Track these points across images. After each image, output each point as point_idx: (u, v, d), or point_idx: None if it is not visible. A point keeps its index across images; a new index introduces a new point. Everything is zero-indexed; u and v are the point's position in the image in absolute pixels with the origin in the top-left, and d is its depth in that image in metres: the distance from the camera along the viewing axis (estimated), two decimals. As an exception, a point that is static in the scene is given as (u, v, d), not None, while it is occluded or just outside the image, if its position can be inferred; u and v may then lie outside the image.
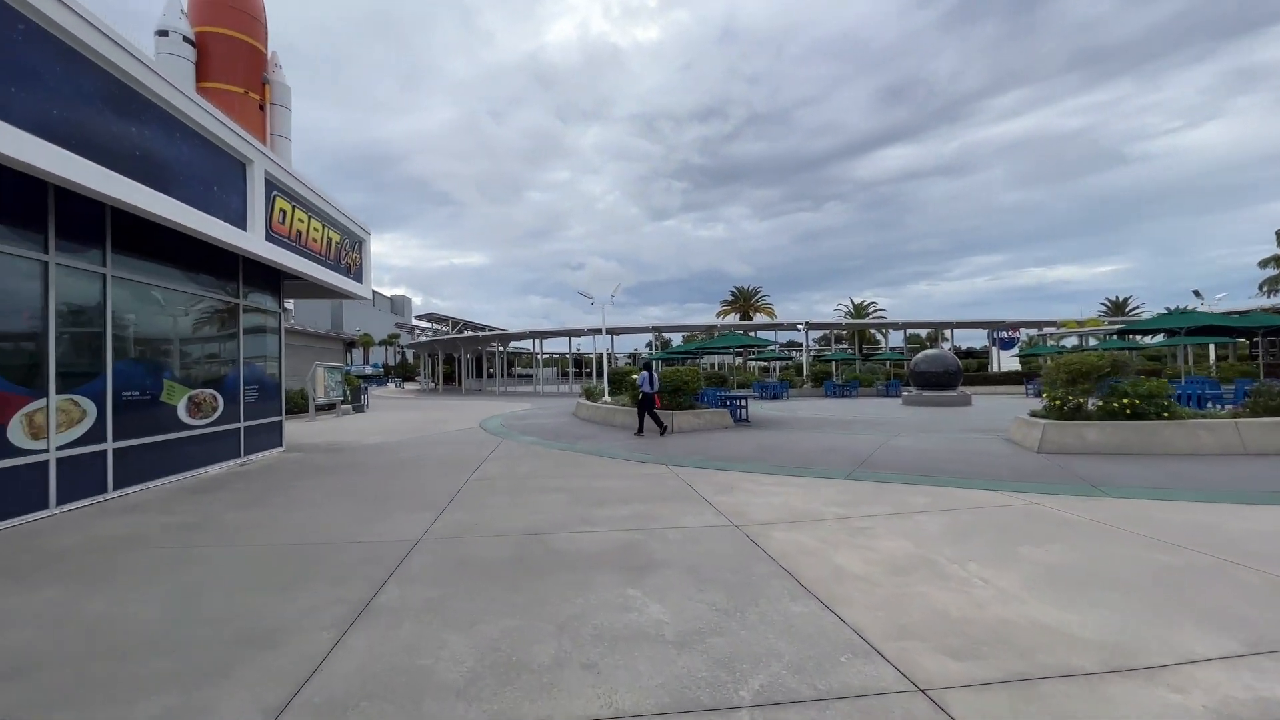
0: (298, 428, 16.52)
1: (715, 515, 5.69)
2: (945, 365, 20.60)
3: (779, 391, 26.94)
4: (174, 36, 33.18)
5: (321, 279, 10.18)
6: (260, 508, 6.23)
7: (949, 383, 20.49)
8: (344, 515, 5.87)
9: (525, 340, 46.25)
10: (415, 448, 11.32)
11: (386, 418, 20.21)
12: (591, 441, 11.82)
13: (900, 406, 20.79)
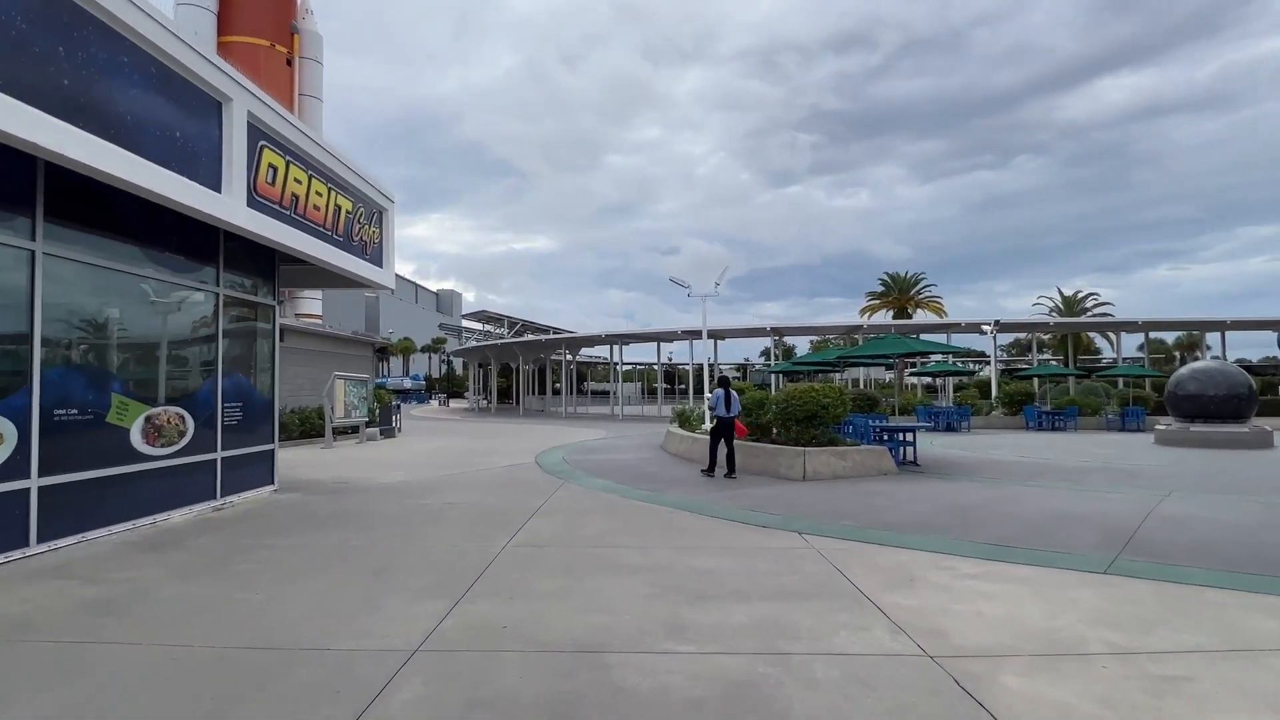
0: (308, 457, 16.76)
1: (891, 632, 4.48)
2: (1231, 386, 17.80)
3: (956, 420, 24.71)
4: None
5: (326, 260, 9.92)
6: (214, 578, 5.72)
7: (1237, 411, 17.67)
8: (322, 596, 5.21)
9: (601, 347, 46.24)
10: (446, 491, 10.81)
11: (419, 446, 20.27)
12: (686, 490, 10.81)
13: (1153, 447, 18.18)
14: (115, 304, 7.57)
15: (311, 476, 12.69)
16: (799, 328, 36.77)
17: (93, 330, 7.29)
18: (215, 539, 7.23)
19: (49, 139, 5.32)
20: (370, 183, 11.52)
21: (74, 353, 6.97)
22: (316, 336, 25.74)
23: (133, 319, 7.85)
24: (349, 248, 10.82)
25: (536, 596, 5.25)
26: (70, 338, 6.96)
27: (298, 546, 6.90)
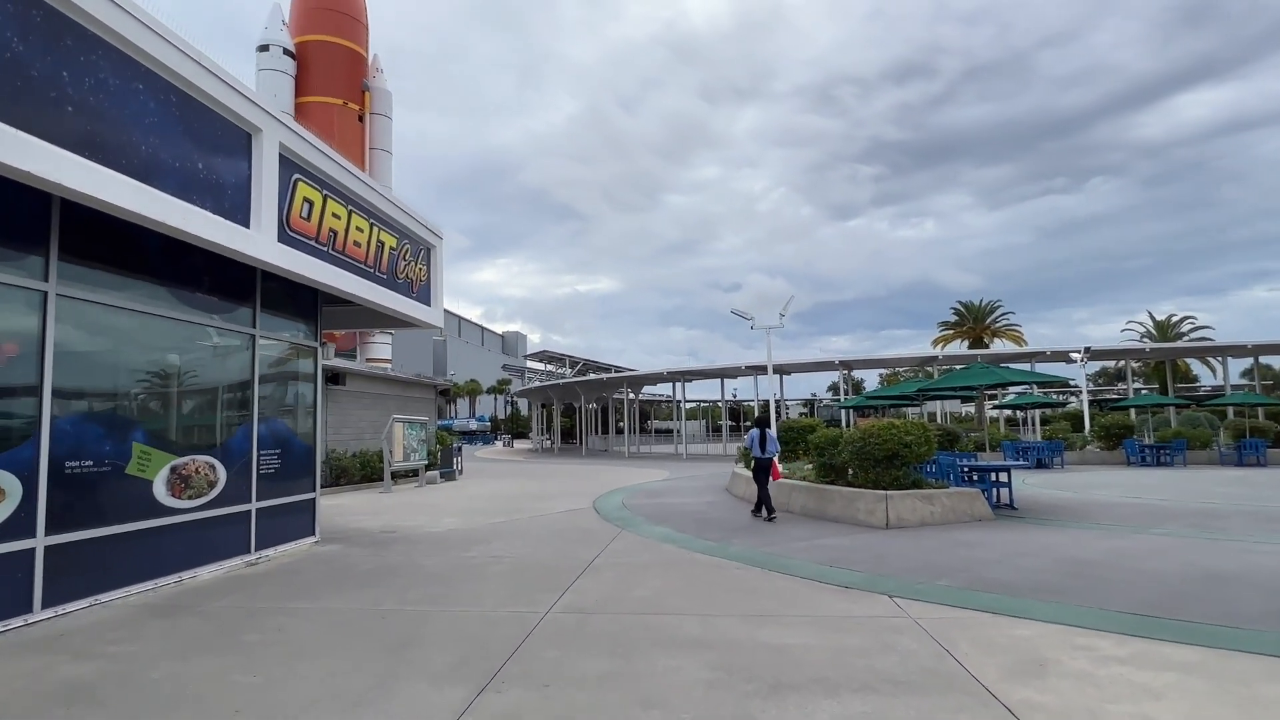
0: (364, 503, 16.33)
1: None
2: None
3: (1048, 456, 22.74)
4: (274, 50, 37.79)
5: (368, 299, 9.43)
6: (217, 653, 5.03)
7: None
8: (329, 679, 4.43)
9: (664, 384, 45.43)
10: (495, 541, 10.04)
11: (477, 490, 19.70)
12: (753, 539, 9.74)
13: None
14: (137, 348, 7.14)
15: (360, 525, 12.14)
16: (869, 360, 35.14)
17: (112, 376, 6.85)
18: (235, 600, 6.59)
19: (44, 168, 4.87)
20: (416, 218, 11.10)
21: (90, 401, 6.52)
22: (379, 380, 25.73)
23: (157, 363, 7.41)
24: (394, 285, 10.35)
25: (575, 683, 4.34)
26: (85, 385, 6.52)
27: (320, 612, 6.18)
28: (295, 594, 6.89)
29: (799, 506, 12.21)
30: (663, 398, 65.25)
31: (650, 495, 16.63)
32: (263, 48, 40.25)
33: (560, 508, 14.34)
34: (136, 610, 6.27)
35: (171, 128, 6.19)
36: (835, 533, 10.11)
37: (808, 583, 7.08)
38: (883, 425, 11.36)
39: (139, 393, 7.11)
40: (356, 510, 14.69)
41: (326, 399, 22.22)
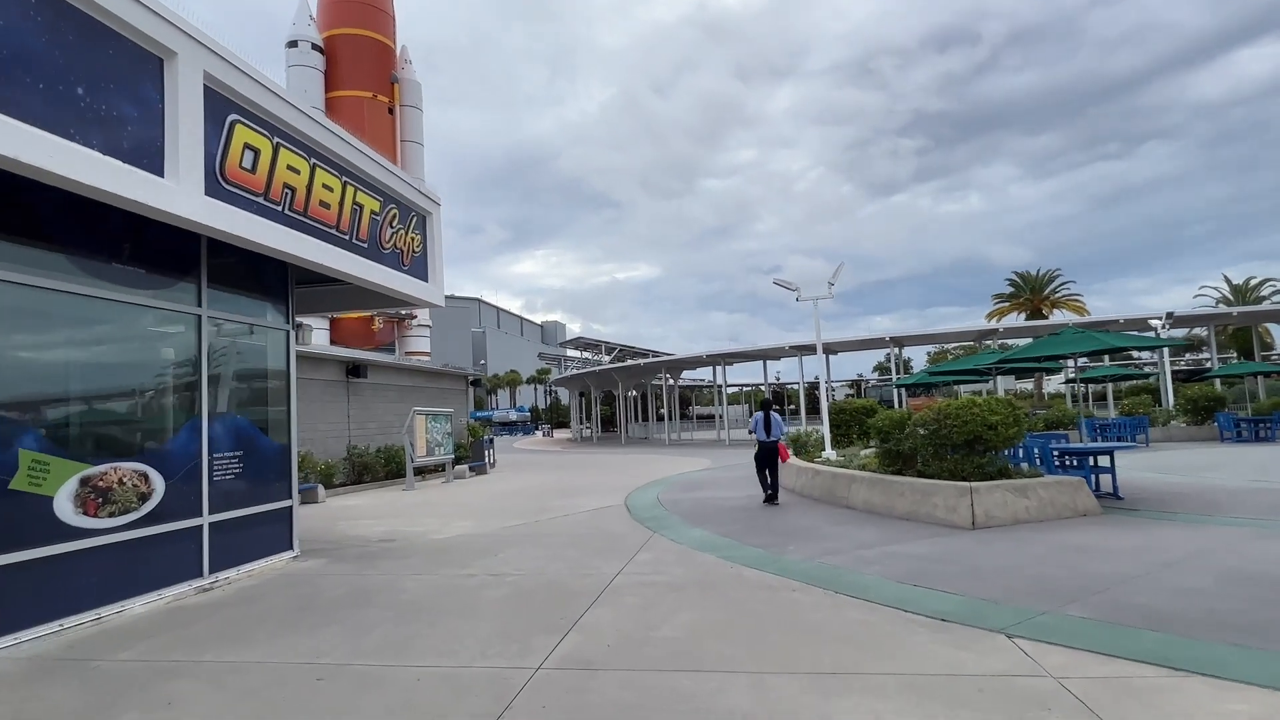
0: (381, 502, 15.00)
1: None
2: None
3: (1131, 432, 20.36)
4: (303, 46, 36.85)
5: (340, 270, 7.90)
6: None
7: None
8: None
9: (704, 369, 43.63)
10: (505, 551, 8.49)
11: (505, 485, 18.28)
12: (812, 546, 7.99)
13: None
14: (27, 331, 5.71)
15: (361, 531, 10.72)
16: (922, 336, 32.76)
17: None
18: (150, 648, 5.13)
19: None
20: (406, 179, 9.55)
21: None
22: (404, 371, 24.50)
23: (58, 351, 5.98)
24: (378, 256, 8.81)
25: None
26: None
27: (239, 670, 4.66)
28: (231, 636, 5.40)
29: (860, 501, 10.39)
30: (703, 382, 63.34)
31: (689, 488, 14.94)
32: (291, 44, 39.49)
33: (589, 505, 12.77)
34: (12, 666, 4.84)
35: (36, 39, 4.68)
36: (909, 535, 8.30)
37: (890, 613, 5.33)
38: (960, 404, 9.46)
39: (31, 388, 5.66)
40: (367, 512, 13.34)
41: (348, 393, 21.09)
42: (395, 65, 41.17)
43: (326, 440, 19.55)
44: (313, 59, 38.41)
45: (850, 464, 12.53)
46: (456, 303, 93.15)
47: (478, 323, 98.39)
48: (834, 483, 11.34)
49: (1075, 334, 10.94)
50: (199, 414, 7.06)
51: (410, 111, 42.37)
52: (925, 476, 9.76)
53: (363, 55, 40.01)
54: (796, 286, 15.08)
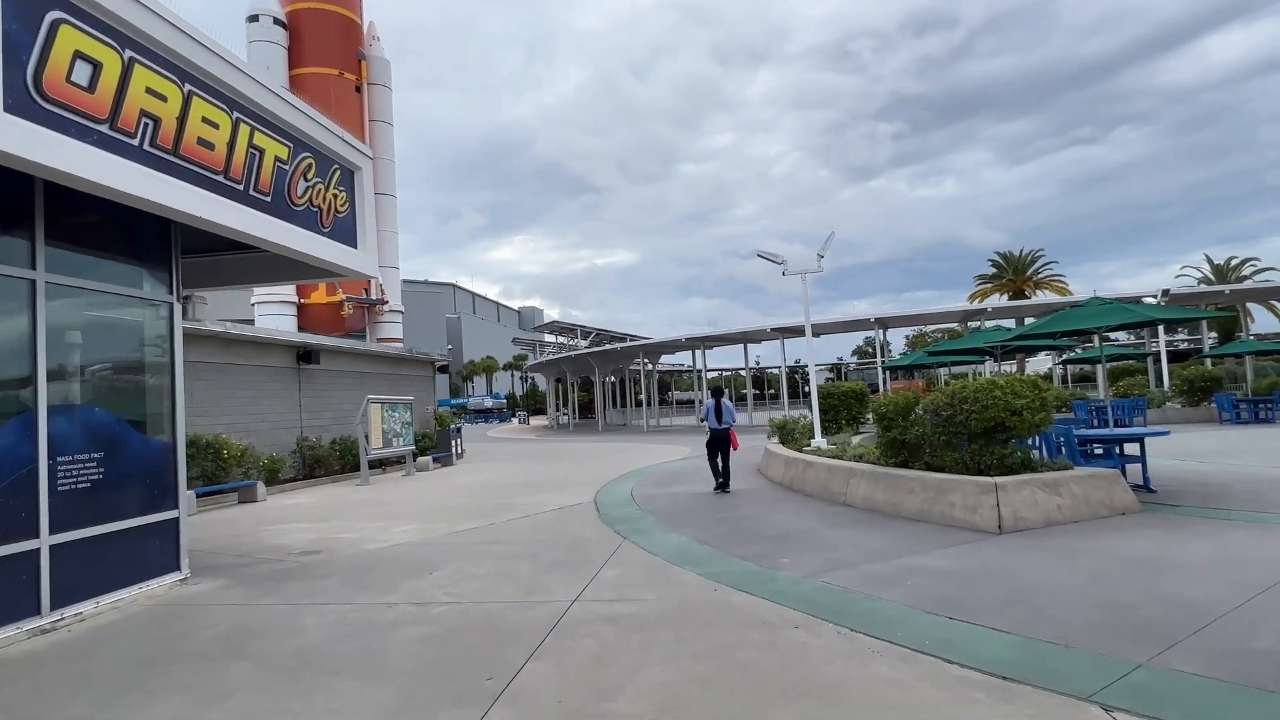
0: (325, 500, 13.44)
1: None
2: None
3: (1129, 414, 19.29)
4: (265, 20, 34.62)
5: (225, 224, 6.32)
6: None
7: None
8: None
9: (683, 353, 42.28)
10: (442, 565, 7.02)
11: (468, 478, 16.78)
12: (812, 555, 6.60)
13: None
14: None
15: (285, 539, 9.19)
16: (907, 317, 31.58)
17: None
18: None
19: None
20: (327, 125, 7.95)
21: None
22: (364, 356, 22.81)
23: None
24: (286, 214, 7.23)
25: None
26: None
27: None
28: (26, 712, 3.89)
29: (860, 498, 9.03)
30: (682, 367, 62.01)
31: (666, 481, 13.54)
32: (252, 18, 37.19)
33: (555, 502, 11.32)
34: None
35: None
36: (925, 542, 6.95)
37: (929, 665, 3.94)
38: (979, 386, 8.10)
39: None
40: (307, 512, 11.80)
41: (300, 380, 19.41)
42: (363, 42, 39.15)
43: (275, 432, 17.90)
44: (275, 34, 36.31)
45: (844, 453, 11.19)
46: (431, 288, 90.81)
47: (453, 309, 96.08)
48: (829, 476, 9.98)
49: (1104, 306, 9.64)
50: (34, 407, 5.48)
51: (379, 90, 40.35)
52: (935, 470, 8.43)
53: (328, 31, 37.98)
54: (783, 259, 13.68)
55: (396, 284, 36.83)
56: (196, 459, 13.91)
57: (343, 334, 31.39)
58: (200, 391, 15.68)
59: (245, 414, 17.05)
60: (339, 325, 33.60)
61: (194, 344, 15.71)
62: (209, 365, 16.03)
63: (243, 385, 17.07)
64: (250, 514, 12.17)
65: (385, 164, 34.08)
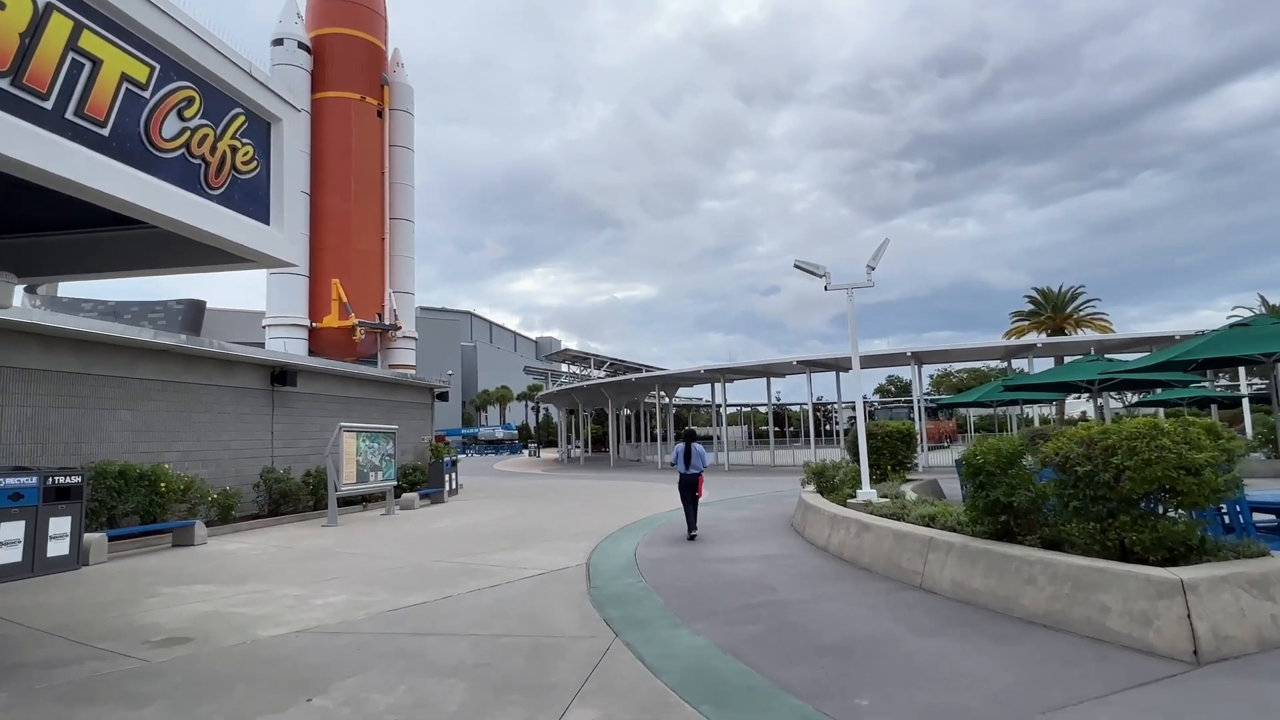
0: (273, 546, 11.04)
1: None
2: None
3: (1220, 468, 16.40)
4: (289, 44, 33.28)
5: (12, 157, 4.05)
6: None
7: None
8: None
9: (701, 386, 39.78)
10: (335, 683, 4.58)
11: (450, 522, 14.34)
12: (905, 695, 4.06)
13: None
14: None
15: (158, 615, 6.77)
16: (945, 351, 28.91)
17: None
18: None
19: None
20: (222, 51, 5.73)
21: None
22: (350, 380, 20.60)
23: None
24: (135, 157, 4.98)
25: None
26: None
27: None
28: None
29: (947, 582, 6.47)
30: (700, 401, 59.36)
31: (680, 537, 11.02)
32: (277, 42, 36.17)
33: (538, 563, 8.86)
34: None
35: None
36: (1079, 671, 4.41)
37: None
38: (1135, 431, 5.54)
39: None
40: (231, 566, 9.42)
41: (273, 404, 17.19)
42: (386, 68, 38.19)
43: (238, 461, 15.63)
44: (299, 58, 35.38)
45: (906, 511, 8.62)
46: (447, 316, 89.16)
47: (469, 337, 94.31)
48: (897, 547, 7.42)
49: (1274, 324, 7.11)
50: None
51: (401, 115, 39.28)
52: (1057, 547, 5.88)
53: (352, 56, 37.03)
54: (824, 270, 11.28)
55: (411, 310, 34.99)
56: (127, 492, 11.65)
57: (354, 359, 29.58)
58: (149, 414, 13.49)
59: (203, 440, 14.81)
60: (351, 350, 31.82)
61: (146, 359, 13.64)
62: (164, 384, 13.85)
63: (205, 409, 14.86)
64: (168, 564, 9.81)
65: (404, 189, 32.64)
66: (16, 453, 11.01)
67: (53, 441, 11.63)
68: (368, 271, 30.25)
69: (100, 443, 12.40)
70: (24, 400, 11.25)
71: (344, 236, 29.26)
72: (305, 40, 35.05)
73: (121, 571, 9.32)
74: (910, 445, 15.07)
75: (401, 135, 39.31)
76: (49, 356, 11.53)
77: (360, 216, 29.69)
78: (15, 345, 10.99)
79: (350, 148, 30.66)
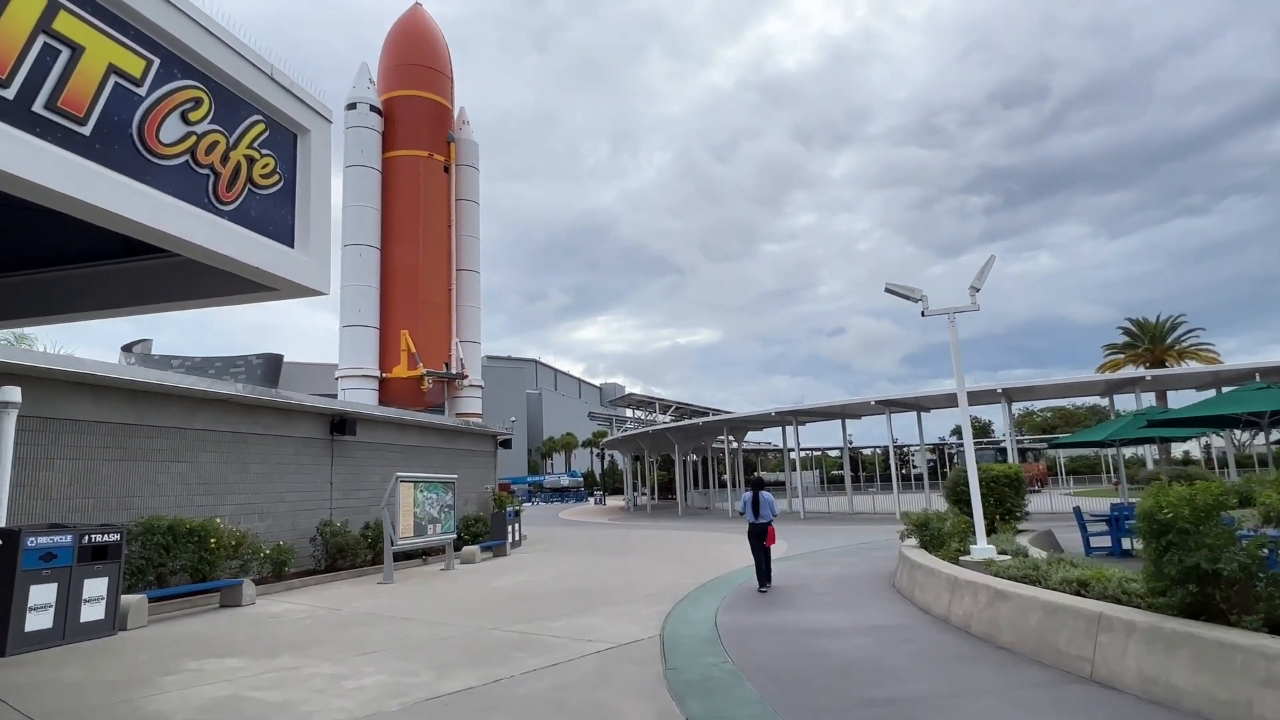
0: (329, 607, 10.14)
1: None
2: None
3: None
4: (361, 108, 34.56)
5: None
6: None
7: None
8: None
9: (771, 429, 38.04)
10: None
11: (511, 579, 13.25)
12: None
13: None
14: None
15: (169, 700, 5.83)
16: (1039, 387, 26.55)
17: None
18: None
19: None
20: (239, 51, 5.00)
21: None
22: (413, 428, 20.02)
23: None
24: (126, 164, 4.20)
25: None
26: None
27: None
28: None
29: (1132, 677, 4.94)
30: (769, 445, 57.21)
31: (768, 599, 9.59)
32: (350, 106, 37.64)
33: (604, 633, 7.64)
34: None
35: None
36: None
37: None
38: None
39: None
40: (270, 634, 8.51)
41: (332, 453, 16.65)
42: (453, 126, 39.24)
43: (295, 514, 15.01)
44: (371, 120, 36.76)
45: (1045, 573, 7.03)
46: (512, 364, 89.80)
47: (534, 385, 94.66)
48: (1051, 624, 5.89)
49: None
50: None
51: (467, 170, 40.16)
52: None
53: (420, 116, 38.22)
54: (921, 294, 9.92)
55: (477, 359, 34.89)
56: (175, 549, 11.02)
57: (423, 408, 29.50)
58: (204, 466, 13.00)
59: (260, 492, 14.24)
60: (419, 400, 31.79)
61: (205, 409, 13.25)
62: (219, 434, 13.38)
63: (260, 459, 14.34)
64: (207, 630, 8.98)
65: (470, 241, 33.04)
66: (66, 507, 10.54)
67: (103, 495, 11.14)
68: (435, 322, 30.28)
69: (153, 496, 11.89)
70: (75, 452, 10.82)
71: (412, 289, 29.45)
72: (377, 103, 36.27)
73: (155, 639, 8.52)
74: (1019, 491, 13.28)
75: (467, 189, 39.99)
76: (101, 407, 11.13)
77: (428, 269, 29.89)
78: (65, 396, 10.61)
79: (418, 203, 31.09)
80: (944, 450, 59.43)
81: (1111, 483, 50.89)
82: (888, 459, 33.17)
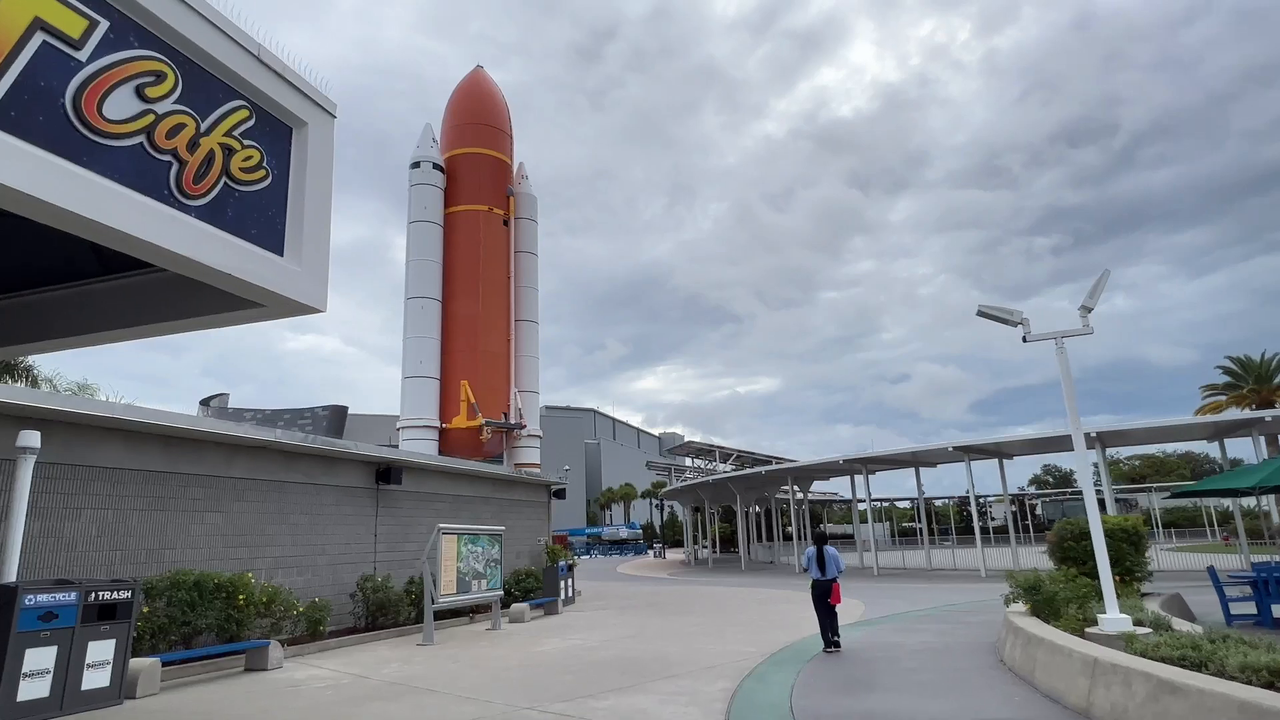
0: (361, 672, 9.10)
1: None
2: None
3: None
4: (425, 165, 35.71)
5: None
6: None
7: None
8: None
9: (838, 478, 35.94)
10: None
11: (559, 643, 11.98)
12: None
13: None
14: None
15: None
16: (1136, 430, 24.02)
17: None
18: None
19: None
20: (216, 23, 4.25)
21: None
22: (463, 477, 19.16)
23: None
24: (60, 143, 3.39)
25: None
26: None
27: None
28: None
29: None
30: (836, 496, 54.48)
31: (849, 681, 8.08)
32: (414, 164, 38.90)
33: (658, 717, 6.33)
34: None
35: None
36: None
37: None
38: None
39: None
40: (281, 707, 7.50)
41: (377, 503, 15.88)
42: (511, 180, 39.97)
43: (336, 568, 14.17)
44: (434, 178, 37.85)
45: (1214, 657, 5.44)
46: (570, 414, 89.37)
47: (593, 434, 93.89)
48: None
49: None
50: None
51: (525, 223, 40.72)
52: None
53: (481, 172, 39.13)
54: (1021, 315, 8.53)
55: (536, 408, 34.38)
56: (202, 605, 10.24)
57: (482, 459, 29.05)
58: (240, 516, 12.31)
59: (299, 544, 13.47)
60: (478, 450, 31.39)
61: (242, 456, 12.68)
62: (257, 483, 12.72)
63: (300, 509, 13.63)
64: (218, 701, 8.04)
65: (529, 292, 33.13)
66: (91, 560, 9.90)
67: (131, 547, 10.49)
68: (494, 372, 29.99)
69: (186, 548, 11.20)
70: (104, 502, 10.24)
71: (472, 339, 29.33)
72: (440, 162, 37.21)
73: (161, 712, 7.61)
74: (1140, 548, 11.42)
75: (526, 241, 40.29)
76: (133, 454, 10.57)
77: (487, 320, 29.78)
78: (95, 441, 10.08)
79: (479, 255, 31.24)
80: (1024, 500, 55.41)
81: (1221, 538, 46.24)
82: (963, 510, 30.67)
